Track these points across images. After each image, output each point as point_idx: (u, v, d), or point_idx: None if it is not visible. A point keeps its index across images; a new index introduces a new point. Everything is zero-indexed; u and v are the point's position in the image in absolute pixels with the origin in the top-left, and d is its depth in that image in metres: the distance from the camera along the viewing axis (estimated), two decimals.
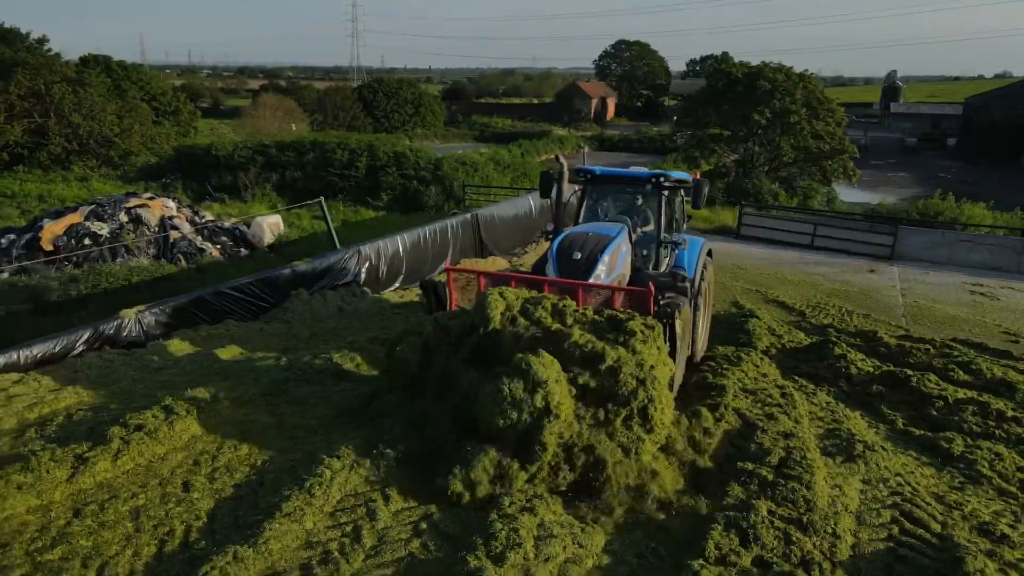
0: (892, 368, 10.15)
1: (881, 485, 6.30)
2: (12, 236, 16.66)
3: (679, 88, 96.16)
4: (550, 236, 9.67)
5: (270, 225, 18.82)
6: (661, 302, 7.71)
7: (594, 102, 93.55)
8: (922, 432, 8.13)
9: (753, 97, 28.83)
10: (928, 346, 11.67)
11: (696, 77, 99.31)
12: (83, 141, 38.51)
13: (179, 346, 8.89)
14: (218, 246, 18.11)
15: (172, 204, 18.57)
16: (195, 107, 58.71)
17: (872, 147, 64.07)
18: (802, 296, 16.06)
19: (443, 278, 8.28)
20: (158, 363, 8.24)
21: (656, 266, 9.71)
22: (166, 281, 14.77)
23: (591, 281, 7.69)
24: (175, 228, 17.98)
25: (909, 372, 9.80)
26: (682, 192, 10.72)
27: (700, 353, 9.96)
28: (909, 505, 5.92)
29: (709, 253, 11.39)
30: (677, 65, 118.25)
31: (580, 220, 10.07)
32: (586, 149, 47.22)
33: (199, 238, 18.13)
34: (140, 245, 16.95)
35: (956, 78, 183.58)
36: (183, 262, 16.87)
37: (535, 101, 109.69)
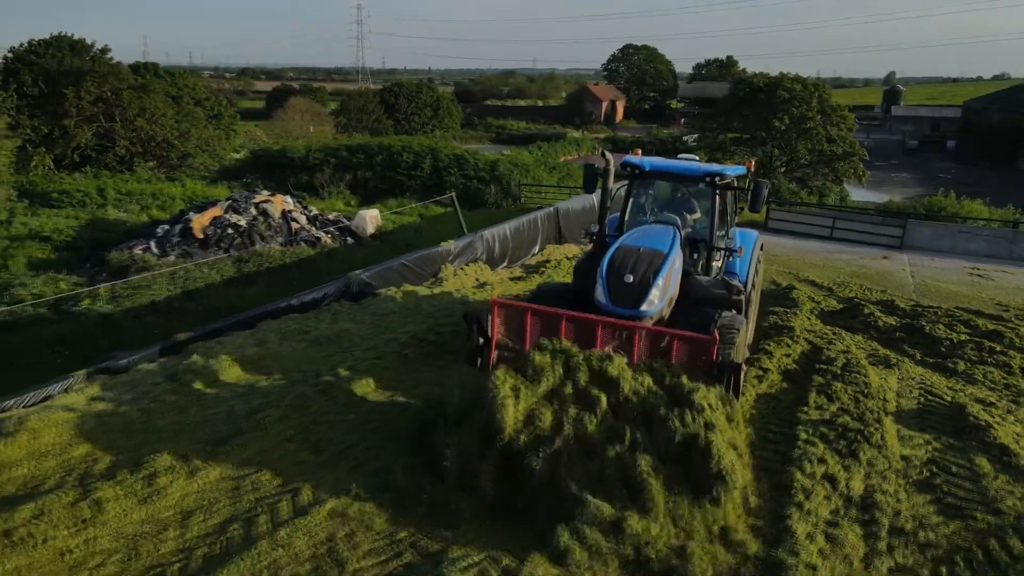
0: (909, 321, 13.34)
1: (910, 379, 9.51)
2: (165, 227, 19.82)
3: (687, 91, 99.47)
4: (594, 236, 9.29)
5: (371, 218, 21.99)
6: (717, 327, 7.41)
7: (604, 105, 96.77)
8: (934, 360, 11.30)
9: (773, 104, 32.15)
10: (936, 310, 14.84)
11: (703, 80, 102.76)
12: (146, 144, 41.69)
13: (388, 300, 12.09)
14: (329, 235, 21.29)
15: (290, 200, 21.77)
16: (235, 111, 61.78)
17: (875, 149, 66.95)
18: (828, 276, 19.18)
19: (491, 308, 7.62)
20: (383, 310, 11.44)
21: (707, 269, 9.20)
22: (308, 262, 17.96)
23: (644, 307, 7.46)
24: (295, 220, 21.16)
25: (923, 323, 12.99)
26: (735, 183, 9.98)
27: (746, 353, 9.39)
28: (930, 387, 9.14)
29: (761, 247, 11.33)
30: (682, 67, 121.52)
31: (626, 217, 9.64)
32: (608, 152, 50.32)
33: (313, 228, 21.32)
34: (270, 234, 20.12)
35: (955, 79, 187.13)
36: (305, 248, 20.04)
37: (540, 103, 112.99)
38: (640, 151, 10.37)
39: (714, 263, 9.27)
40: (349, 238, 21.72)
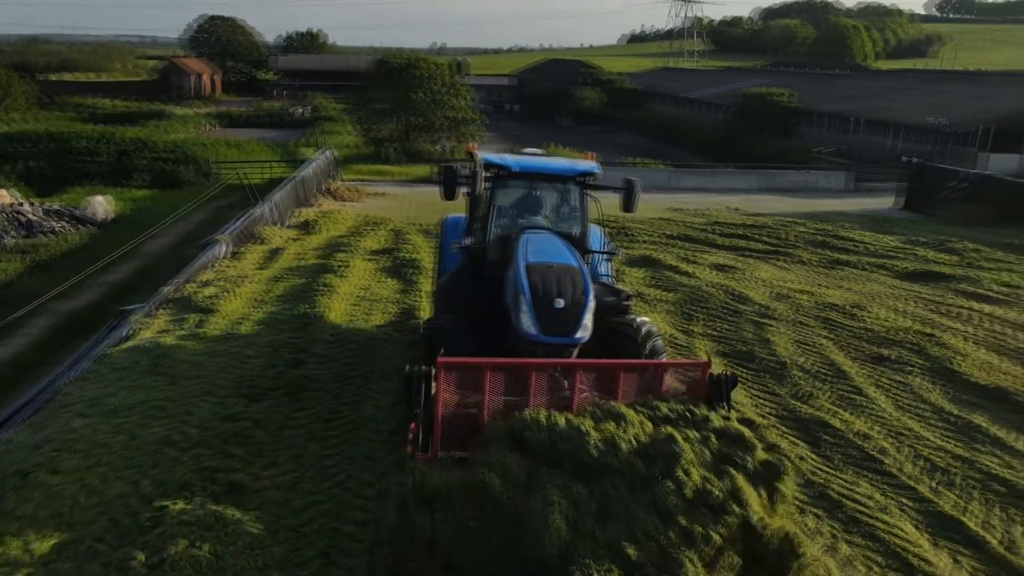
0: None
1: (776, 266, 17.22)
2: None
3: (282, 64, 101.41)
4: (467, 249, 8.65)
5: (100, 204, 22.67)
6: (642, 336, 7.37)
7: (195, 79, 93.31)
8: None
9: (411, 80, 39.06)
10: None
11: (295, 53, 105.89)
12: None
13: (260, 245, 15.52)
14: (66, 224, 21.49)
15: (15, 194, 21.18)
16: None
17: None
18: None
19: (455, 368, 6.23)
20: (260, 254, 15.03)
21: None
22: (85, 247, 18.93)
23: (579, 334, 6.91)
24: (22, 213, 20.89)
25: None
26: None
27: None
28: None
29: None
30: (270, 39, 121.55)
31: (491, 221, 8.75)
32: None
33: (46, 220, 21.29)
34: (8, 228, 19.83)
35: (496, 51, 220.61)
36: (55, 237, 20.27)
37: (99, 78, 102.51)
38: (475, 145, 10.14)
39: (600, 267, 8.98)
40: (83, 226, 22.08)
